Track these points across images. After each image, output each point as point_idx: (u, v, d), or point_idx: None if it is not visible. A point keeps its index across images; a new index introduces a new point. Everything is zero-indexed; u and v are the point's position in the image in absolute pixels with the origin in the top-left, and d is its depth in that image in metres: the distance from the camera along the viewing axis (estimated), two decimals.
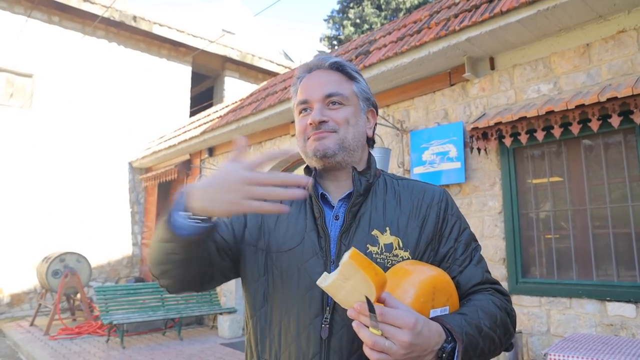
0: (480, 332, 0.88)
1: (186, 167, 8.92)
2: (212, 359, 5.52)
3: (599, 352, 2.59)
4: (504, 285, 3.99)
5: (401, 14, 16.83)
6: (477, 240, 1.09)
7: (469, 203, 4.34)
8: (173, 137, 9.22)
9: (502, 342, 0.94)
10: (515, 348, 3.49)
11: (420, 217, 1.03)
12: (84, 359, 5.51)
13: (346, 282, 0.75)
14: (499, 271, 4.04)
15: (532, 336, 3.77)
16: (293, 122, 6.58)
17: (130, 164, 10.41)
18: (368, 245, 0.97)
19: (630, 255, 3.42)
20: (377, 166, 1.15)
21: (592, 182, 3.69)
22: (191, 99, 13.01)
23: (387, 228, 1.00)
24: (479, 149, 4.18)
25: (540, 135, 3.67)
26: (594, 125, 3.38)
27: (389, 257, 0.97)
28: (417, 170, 4.67)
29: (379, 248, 0.98)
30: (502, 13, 3.69)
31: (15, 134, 8.98)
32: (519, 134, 3.81)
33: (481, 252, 1.08)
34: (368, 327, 0.75)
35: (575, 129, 3.49)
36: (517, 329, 3.58)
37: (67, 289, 7.54)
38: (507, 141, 3.88)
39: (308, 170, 1.11)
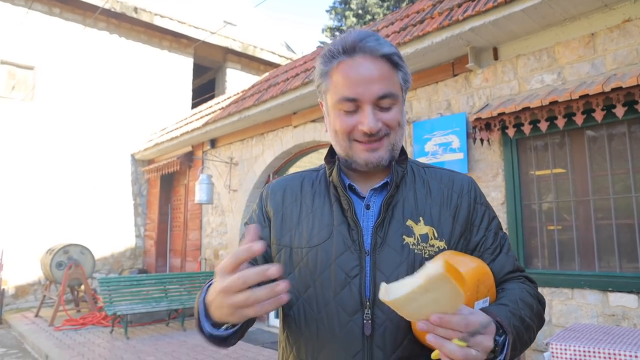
0: (524, 322, 0.87)
1: (188, 159, 8.92)
2: (216, 349, 5.56)
3: (601, 341, 2.60)
4: None
5: (404, 4, 16.69)
6: (502, 229, 1.07)
7: None
8: (175, 129, 9.22)
9: (537, 330, 0.94)
10: None
11: (452, 206, 1.00)
12: (88, 350, 5.56)
13: (426, 294, 0.68)
14: None
15: None
16: (295, 113, 6.61)
17: (132, 156, 10.43)
18: (404, 237, 0.94)
19: (632, 246, 3.41)
20: None
21: (596, 173, 3.67)
22: (193, 90, 12.98)
23: (421, 218, 0.97)
24: (481, 140, 4.16)
25: (543, 126, 3.65)
26: (598, 115, 3.36)
27: (426, 247, 0.94)
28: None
29: (415, 239, 0.94)
30: (506, 2, 3.65)
31: (17, 126, 8.99)
32: (522, 125, 3.79)
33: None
34: (450, 340, 0.70)
35: (579, 119, 3.47)
36: None
37: (71, 280, 7.60)
38: (510, 132, 3.86)
39: (330, 157, 1.05)
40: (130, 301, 6.65)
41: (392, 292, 0.70)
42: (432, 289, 0.67)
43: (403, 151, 1.05)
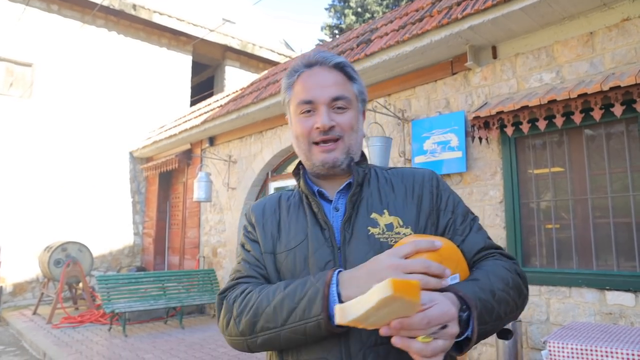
0: (494, 296, 0.89)
1: (187, 157, 8.92)
2: (214, 347, 5.57)
3: (598, 339, 2.61)
4: None
5: (403, 2, 16.68)
6: (473, 213, 1.13)
7: (470, 192, 4.34)
8: (174, 127, 9.21)
9: (517, 304, 0.95)
10: (515, 336, 3.51)
11: (415, 196, 1.08)
12: (86, 347, 5.56)
13: (380, 310, 0.71)
14: None
15: (531, 325, 3.79)
16: None
17: (131, 153, 10.41)
18: (369, 228, 1.01)
19: (630, 245, 3.42)
20: (379, 155, 1.19)
21: (594, 172, 3.68)
22: (192, 88, 12.96)
23: (385, 210, 1.04)
24: (480, 139, 4.16)
25: (542, 125, 3.66)
26: (597, 114, 3.36)
27: (392, 235, 1.01)
28: (418, 160, 4.66)
29: (380, 229, 1.01)
30: (505, 1, 3.65)
31: (15, 123, 8.97)
32: (521, 123, 3.79)
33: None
34: (414, 338, 0.73)
35: (577, 118, 3.47)
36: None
37: (69, 278, 7.59)
38: (509, 130, 3.87)
39: (297, 170, 1.14)
40: (129, 299, 6.65)
41: (348, 314, 0.73)
42: (385, 305, 0.70)
43: (363, 156, 1.15)
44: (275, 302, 0.92)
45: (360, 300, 0.72)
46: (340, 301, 0.85)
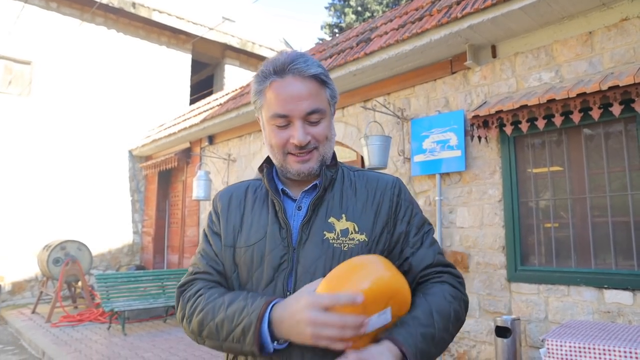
0: (433, 340, 0.94)
1: (186, 155, 8.91)
2: None
3: (596, 337, 2.62)
4: (503, 273, 4.02)
5: (403, 1, 16.68)
6: (430, 224, 1.16)
7: (469, 191, 4.35)
8: (173, 125, 9.20)
9: (452, 337, 1.01)
10: (514, 335, 3.53)
11: (375, 203, 1.09)
12: (85, 346, 5.56)
13: None
14: (498, 259, 4.06)
15: (530, 323, 3.80)
16: None
17: (130, 152, 10.40)
18: (325, 232, 1.03)
19: (628, 243, 3.44)
20: (378, 154, 1.19)
21: (593, 171, 3.69)
22: (191, 87, 12.95)
23: (343, 215, 1.06)
24: (479, 138, 4.17)
25: (541, 124, 3.66)
26: (595, 113, 3.37)
27: (345, 241, 1.03)
28: (418, 159, 4.67)
29: (335, 234, 1.03)
30: (505, 0, 3.66)
31: (14, 121, 8.95)
32: (520, 123, 3.80)
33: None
34: None
35: (576, 117, 3.48)
36: (515, 316, 3.62)
37: (68, 276, 7.59)
38: (508, 129, 3.88)
39: (262, 166, 1.15)
40: (128, 297, 6.66)
41: None
42: None
43: (334, 157, 1.16)
44: (217, 320, 0.96)
45: None
46: (272, 338, 0.92)
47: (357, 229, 1.04)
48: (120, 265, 9.97)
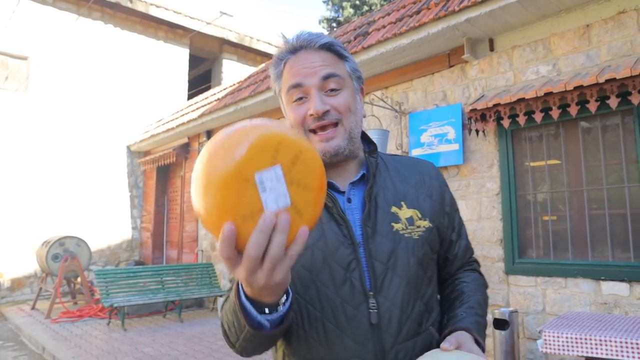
0: (485, 327, 1.02)
1: (184, 151, 8.90)
2: (213, 340, 5.60)
3: (592, 328, 2.64)
4: (501, 265, 4.04)
5: None
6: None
7: (466, 185, 4.36)
8: (171, 120, 9.19)
9: None
10: (511, 327, 3.55)
11: (426, 187, 1.07)
12: (85, 341, 5.58)
13: None
14: (495, 252, 4.08)
15: (527, 315, 3.83)
16: None
17: (128, 147, 10.39)
18: (392, 224, 0.98)
19: (625, 235, 3.46)
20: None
21: (590, 164, 3.70)
22: (189, 81, 12.89)
23: (403, 202, 1.01)
24: (477, 131, 4.18)
25: (538, 117, 3.67)
26: (592, 106, 3.38)
27: (414, 230, 0.99)
28: (416, 152, 4.67)
29: (402, 224, 0.98)
30: None
31: (11, 117, 8.92)
32: (517, 116, 3.81)
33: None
34: None
35: (573, 110, 3.49)
36: (513, 308, 3.64)
37: (68, 272, 7.60)
38: (506, 123, 3.88)
39: None
40: (127, 293, 6.67)
41: None
42: None
43: (372, 143, 1.10)
44: (228, 322, 0.85)
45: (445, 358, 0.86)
46: (257, 309, 0.74)
47: (420, 215, 1.01)
48: (119, 260, 9.98)
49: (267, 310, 0.75)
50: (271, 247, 0.60)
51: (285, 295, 0.77)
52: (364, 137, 1.11)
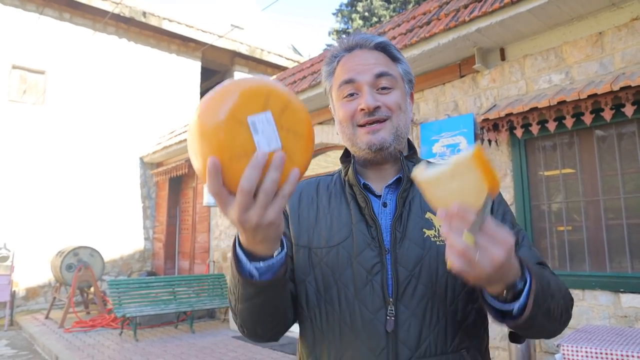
0: (549, 288, 0.79)
1: None
2: (224, 352, 5.58)
3: (613, 343, 2.57)
4: None
5: (410, 6, 16.69)
6: (519, 225, 1.05)
7: None
8: (183, 132, 9.28)
9: (562, 317, 0.86)
10: (528, 340, 3.47)
11: None
12: (98, 351, 5.60)
13: (452, 181, 0.67)
14: None
15: None
16: None
17: (141, 159, 10.51)
18: (424, 230, 0.94)
19: None
20: None
21: (605, 173, 3.64)
22: (201, 93, 13.06)
23: None
24: (489, 141, 4.14)
25: (551, 126, 3.63)
26: (607, 115, 3.33)
27: None
28: None
29: (435, 231, 0.94)
30: (513, 3, 3.64)
31: (28, 130, 9.11)
32: (530, 125, 3.77)
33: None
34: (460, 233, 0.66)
35: (587, 119, 3.44)
36: None
37: (81, 282, 7.67)
38: (518, 132, 3.84)
39: (345, 157, 1.05)
40: (139, 303, 6.70)
41: (425, 173, 0.70)
42: (458, 175, 0.67)
43: (412, 146, 1.07)
44: (230, 285, 0.86)
45: (440, 169, 0.69)
46: (247, 255, 0.75)
47: None
48: (131, 271, 10.05)
49: (261, 263, 0.75)
50: (265, 182, 0.61)
51: (280, 248, 0.77)
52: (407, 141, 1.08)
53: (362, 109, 0.95)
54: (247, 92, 0.64)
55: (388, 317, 0.88)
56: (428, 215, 0.95)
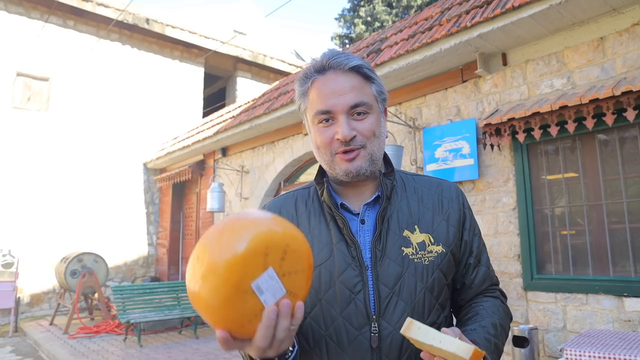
0: (497, 349, 0.96)
1: (200, 168, 9.01)
2: (228, 357, 5.58)
3: (616, 347, 2.57)
4: (519, 281, 3.97)
5: (412, 12, 16.75)
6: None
7: (482, 200, 4.32)
8: (187, 138, 9.33)
9: (503, 347, 1.02)
10: (531, 344, 3.47)
11: (444, 211, 1.05)
12: (102, 357, 5.62)
13: (441, 354, 0.75)
14: (513, 267, 4.02)
15: (548, 332, 3.74)
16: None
17: (144, 164, 10.56)
18: (403, 248, 0.97)
19: None
20: None
21: (608, 177, 3.65)
22: (204, 99, 13.13)
23: (416, 226, 1.00)
24: (492, 145, 4.16)
25: (554, 131, 3.64)
26: (609, 119, 3.35)
27: (425, 255, 0.98)
28: (430, 168, 4.66)
29: (413, 249, 0.98)
30: (514, 8, 3.67)
31: (33, 136, 9.17)
32: (533, 130, 3.78)
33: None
34: None
35: (589, 123, 3.46)
36: (533, 325, 3.57)
37: (85, 288, 7.69)
38: (521, 137, 3.86)
39: (320, 178, 1.07)
40: (143, 309, 6.71)
41: (414, 331, 0.76)
42: (450, 357, 0.73)
43: (390, 164, 1.10)
44: None
45: (434, 333, 0.75)
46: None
47: (432, 240, 0.99)
48: (135, 277, 10.07)
49: None
50: (277, 332, 0.70)
51: (292, 348, 0.86)
52: (384, 159, 1.11)
53: (338, 139, 0.97)
54: (247, 255, 0.64)
55: (372, 334, 0.93)
56: (406, 232, 0.99)
